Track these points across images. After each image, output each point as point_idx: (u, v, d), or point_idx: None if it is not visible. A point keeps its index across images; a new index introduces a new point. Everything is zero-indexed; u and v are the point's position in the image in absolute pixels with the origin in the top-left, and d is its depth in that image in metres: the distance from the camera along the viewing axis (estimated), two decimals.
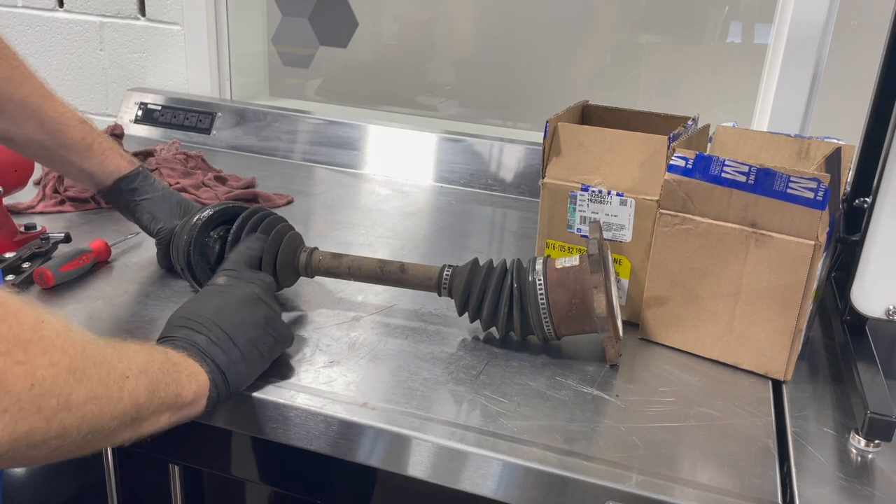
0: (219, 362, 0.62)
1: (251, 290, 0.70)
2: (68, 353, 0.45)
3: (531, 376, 0.73)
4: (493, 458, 0.62)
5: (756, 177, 0.70)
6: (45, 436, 0.43)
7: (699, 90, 1.36)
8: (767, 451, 0.64)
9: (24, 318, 0.43)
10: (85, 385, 0.46)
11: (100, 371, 0.48)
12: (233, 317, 0.66)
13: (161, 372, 0.56)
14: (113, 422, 0.49)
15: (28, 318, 0.43)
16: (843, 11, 1.14)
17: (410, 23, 1.52)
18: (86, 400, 0.46)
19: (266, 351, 0.68)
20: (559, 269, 0.74)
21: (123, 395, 0.50)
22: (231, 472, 0.77)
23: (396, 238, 1.07)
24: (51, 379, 0.43)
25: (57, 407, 0.43)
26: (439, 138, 1.35)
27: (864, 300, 0.73)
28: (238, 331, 0.65)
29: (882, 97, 0.84)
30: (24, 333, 0.42)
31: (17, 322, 0.42)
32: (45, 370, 0.43)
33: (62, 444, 0.45)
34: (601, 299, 0.70)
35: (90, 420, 0.47)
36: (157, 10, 1.54)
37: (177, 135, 1.48)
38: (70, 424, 0.45)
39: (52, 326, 0.45)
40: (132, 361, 0.52)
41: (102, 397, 0.47)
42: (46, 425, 0.43)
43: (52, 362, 0.43)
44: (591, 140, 0.83)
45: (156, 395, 0.54)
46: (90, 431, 0.47)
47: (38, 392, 0.42)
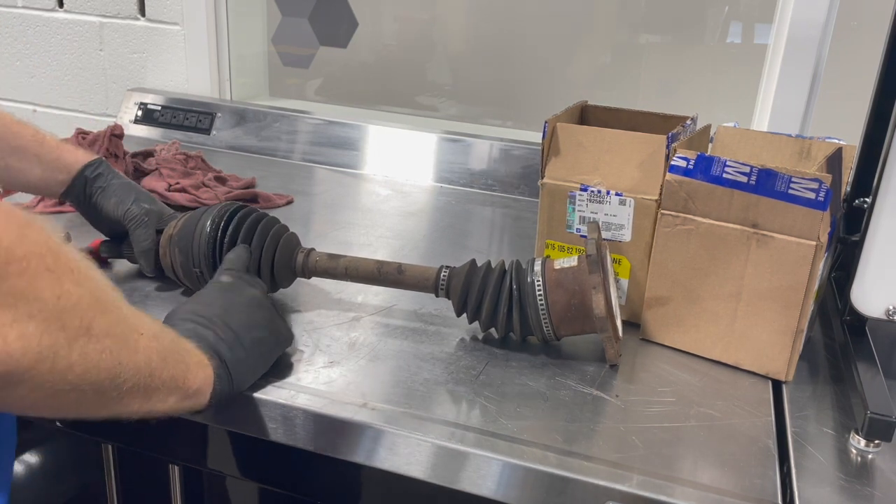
0: (225, 359, 0.62)
1: (255, 291, 0.70)
2: (92, 282, 0.44)
3: (531, 376, 0.73)
4: (493, 458, 0.62)
5: (757, 177, 0.70)
6: (66, 360, 0.41)
7: (699, 90, 1.36)
8: (767, 452, 0.64)
9: (48, 233, 0.42)
10: (106, 317, 0.45)
11: (118, 314, 0.46)
12: (240, 316, 0.65)
13: (173, 346, 0.55)
14: (128, 373, 0.47)
15: (50, 236, 0.42)
16: (843, 11, 1.14)
17: (410, 23, 1.52)
18: (106, 333, 0.44)
19: (268, 352, 0.68)
20: (557, 269, 0.74)
21: (139, 348, 0.48)
22: (231, 472, 0.77)
23: (396, 238, 1.07)
24: (76, 297, 0.42)
25: (79, 329, 0.42)
26: (439, 138, 1.35)
27: (864, 300, 0.72)
28: (244, 330, 0.65)
29: (882, 97, 0.84)
30: (51, 244, 0.41)
31: (41, 233, 0.41)
32: (72, 287, 0.41)
33: (83, 379, 0.43)
34: (600, 300, 0.70)
35: (108, 359, 0.45)
36: (157, 10, 1.54)
37: (177, 135, 1.48)
38: (90, 355, 0.43)
39: (72, 255, 0.44)
40: (146, 324, 0.51)
41: (120, 339, 0.46)
42: (68, 346, 0.41)
43: (78, 281, 0.42)
44: (589, 140, 0.83)
45: (167, 365, 0.53)
46: (108, 377, 0.45)
47: (64, 305, 0.41)
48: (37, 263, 0.39)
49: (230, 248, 0.78)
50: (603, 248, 0.77)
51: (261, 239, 0.79)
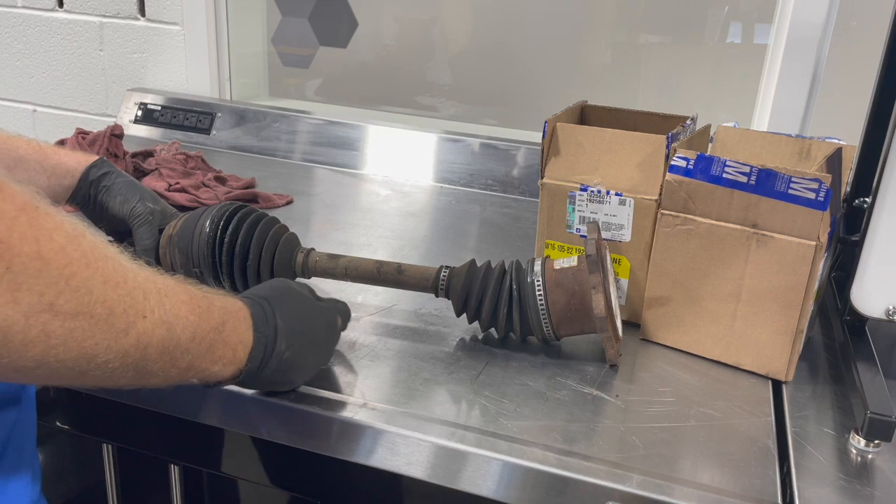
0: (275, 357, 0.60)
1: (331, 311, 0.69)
2: (66, 255, 0.40)
3: (531, 376, 0.73)
4: (493, 458, 0.62)
5: (757, 177, 0.70)
6: (24, 337, 0.38)
7: (699, 90, 1.36)
8: (767, 452, 0.64)
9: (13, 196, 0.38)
10: (79, 296, 0.41)
11: (107, 293, 0.42)
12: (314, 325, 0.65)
13: (191, 338, 0.50)
14: (110, 355, 0.43)
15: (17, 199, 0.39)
16: (843, 11, 1.14)
17: (410, 23, 1.52)
18: (76, 312, 0.41)
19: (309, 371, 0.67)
20: (557, 269, 0.74)
21: (131, 332, 0.44)
22: (231, 472, 0.77)
23: (396, 238, 1.07)
24: (33, 271, 0.38)
25: (38, 307, 0.39)
26: (439, 138, 1.35)
27: (864, 300, 0.72)
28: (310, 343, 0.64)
29: (882, 97, 0.84)
30: (8, 210, 0.38)
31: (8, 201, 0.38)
32: (28, 260, 0.38)
33: (48, 356, 0.40)
34: (599, 300, 0.70)
35: (81, 340, 0.41)
36: (157, 10, 1.54)
37: (177, 135, 1.48)
38: (54, 334, 0.40)
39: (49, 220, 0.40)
40: (160, 308, 0.47)
41: (101, 321, 0.42)
42: (25, 323, 0.38)
43: (39, 254, 0.38)
44: (589, 140, 0.83)
45: (169, 353, 0.49)
46: (82, 355, 0.42)
47: (14, 281, 0.37)
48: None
49: (230, 248, 0.78)
50: (603, 249, 0.77)
51: (260, 239, 0.79)
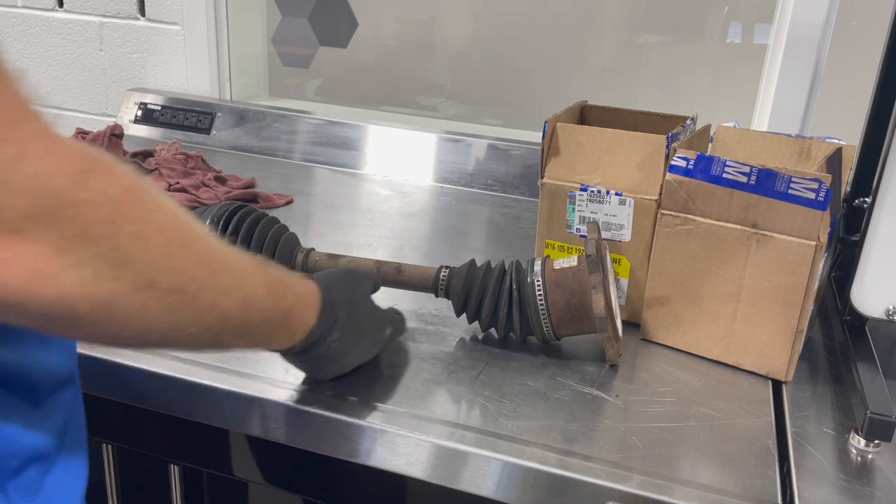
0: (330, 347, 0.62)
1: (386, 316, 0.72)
2: (164, 235, 0.42)
3: (531, 376, 0.73)
4: (493, 458, 0.62)
5: (757, 177, 0.70)
6: (127, 310, 0.41)
7: (699, 90, 1.36)
8: (767, 452, 0.64)
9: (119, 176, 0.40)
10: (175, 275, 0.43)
11: (197, 271, 0.45)
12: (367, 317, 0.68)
13: (261, 322, 0.53)
14: (195, 328, 0.46)
15: (123, 179, 0.40)
16: (843, 11, 1.14)
17: (410, 23, 1.52)
18: (172, 289, 0.43)
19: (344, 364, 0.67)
20: (557, 269, 0.74)
21: (215, 308, 0.47)
22: (231, 472, 0.77)
23: (396, 238, 1.07)
24: (138, 251, 0.41)
25: (139, 283, 0.41)
26: (439, 138, 1.35)
27: (864, 300, 0.72)
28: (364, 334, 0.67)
29: (882, 97, 0.84)
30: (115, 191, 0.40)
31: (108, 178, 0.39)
32: (132, 241, 0.40)
33: (145, 327, 0.43)
34: (599, 300, 0.70)
35: (173, 313, 0.44)
36: (157, 10, 1.54)
37: (176, 135, 1.48)
38: (151, 308, 0.42)
39: (151, 201, 0.42)
40: (244, 287, 0.50)
41: (191, 298, 0.45)
42: (129, 298, 0.41)
43: (141, 233, 0.41)
44: (589, 140, 0.83)
45: (240, 332, 0.52)
46: (172, 329, 0.45)
47: (120, 259, 0.40)
48: (91, 211, 0.38)
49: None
50: (603, 248, 0.77)
51: (260, 238, 0.79)
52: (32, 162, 0.36)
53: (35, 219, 0.36)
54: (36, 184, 0.36)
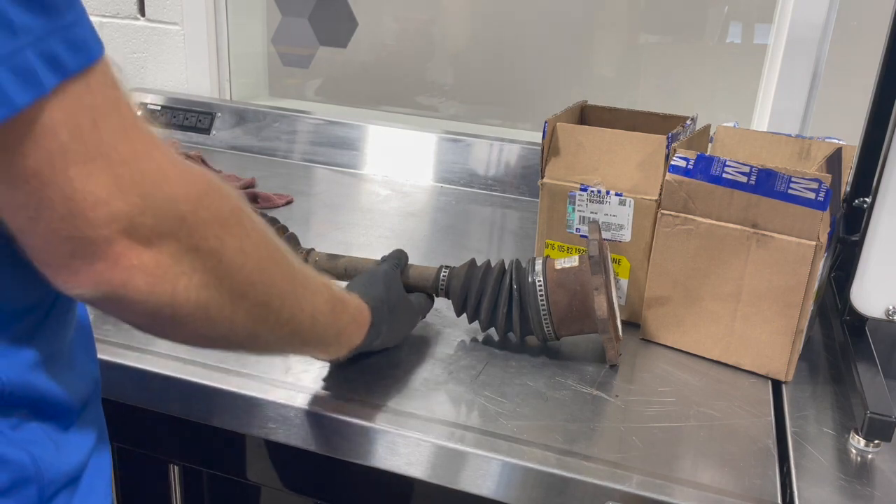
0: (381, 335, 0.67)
1: None
2: (259, 252, 0.48)
3: (531, 376, 0.73)
4: (493, 458, 0.62)
5: (757, 177, 0.70)
6: (219, 311, 0.46)
7: (699, 90, 1.36)
8: (767, 452, 0.64)
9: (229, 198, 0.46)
10: (264, 288, 0.49)
11: (283, 286, 0.51)
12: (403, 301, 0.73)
13: (321, 337, 0.59)
14: (270, 337, 0.53)
15: (232, 201, 0.46)
16: (843, 11, 1.14)
17: (410, 23, 1.52)
18: (259, 302, 0.49)
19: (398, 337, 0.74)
20: (559, 269, 0.74)
21: (293, 319, 0.53)
22: (231, 472, 0.77)
23: (396, 238, 1.07)
24: (237, 265, 0.46)
25: (235, 293, 0.47)
26: (439, 138, 1.35)
27: (864, 300, 0.72)
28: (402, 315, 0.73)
29: (882, 97, 0.84)
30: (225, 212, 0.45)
31: (220, 199, 0.45)
32: (234, 254, 0.46)
33: (231, 329, 0.48)
34: (602, 301, 0.70)
35: (257, 321, 0.50)
36: (157, 10, 1.54)
37: (176, 135, 1.48)
38: (239, 316, 0.48)
39: (251, 221, 0.47)
40: (315, 304, 0.56)
41: (274, 309, 0.51)
42: (220, 301, 0.46)
43: (242, 249, 0.46)
44: (589, 140, 0.83)
45: (302, 344, 0.59)
46: (255, 332, 0.51)
47: (224, 271, 0.45)
48: (205, 229, 0.44)
49: None
50: (604, 249, 0.77)
51: None
52: (167, 186, 0.41)
53: (163, 236, 0.42)
54: (169, 207, 0.41)
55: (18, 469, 0.46)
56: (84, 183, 0.39)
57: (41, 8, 0.37)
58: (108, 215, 0.39)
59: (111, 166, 0.39)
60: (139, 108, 0.45)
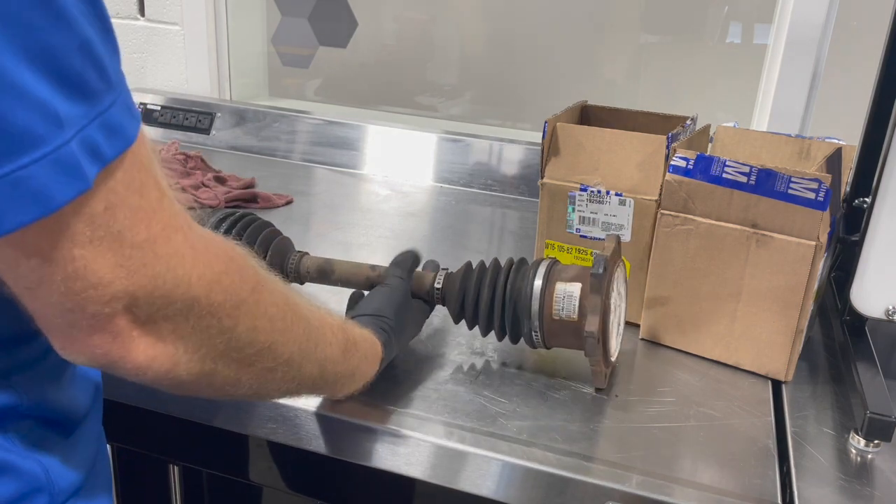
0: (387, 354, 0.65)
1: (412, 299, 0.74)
2: (272, 326, 0.47)
3: (531, 376, 0.73)
4: (493, 458, 0.62)
5: (757, 177, 0.70)
6: (223, 378, 0.46)
7: (699, 90, 1.36)
8: (767, 452, 0.64)
9: (247, 277, 0.45)
10: (274, 359, 0.48)
11: (293, 351, 0.50)
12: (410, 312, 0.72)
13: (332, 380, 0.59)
14: (281, 394, 0.53)
15: (250, 280, 0.45)
16: (843, 11, 1.14)
17: (410, 23, 1.52)
18: (270, 369, 0.49)
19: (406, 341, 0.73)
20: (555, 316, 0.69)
21: (303, 379, 0.53)
22: (231, 472, 0.77)
23: (396, 238, 1.07)
24: (246, 342, 0.46)
25: (242, 364, 0.46)
26: (439, 138, 1.35)
27: (864, 300, 0.72)
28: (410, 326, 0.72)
29: (882, 97, 0.84)
30: (242, 293, 0.44)
31: (239, 279, 0.44)
32: (245, 332, 0.45)
33: (235, 390, 0.48)
34: (594, 322, 0.66)
35: (265, 384, 0.50)
36: (157, 10, 1.54)
37: (176, 135, 1.48)
38: (245, 381, 0.48)
39: (269, 295, 0.47)
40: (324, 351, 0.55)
41: (284, 373, 0.50)
42: (226, 371, 0.46)
43: (254, 327, 0.46)
44: (589, 140, 0.83)
45: (312, 389, 0.59)
46: (262, 392, 0.51)
47: (232, 346, 0.45)
48: (218, 311, 0.43)
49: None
50: (614, 265, 0.71)
51: (249, 243, 0.76)
52: (181, 269, 0.40)
53: (169, 317, 0.40)
54: (180, 291, 0.40)
55: (30, 479, 0.46)
56: (88, 263, 0.37)
57: (83, 97, 0.35)
58: (110, 295, 0.38)
59: (122, 248, 0.38)
60: (171, 184, 0.43)
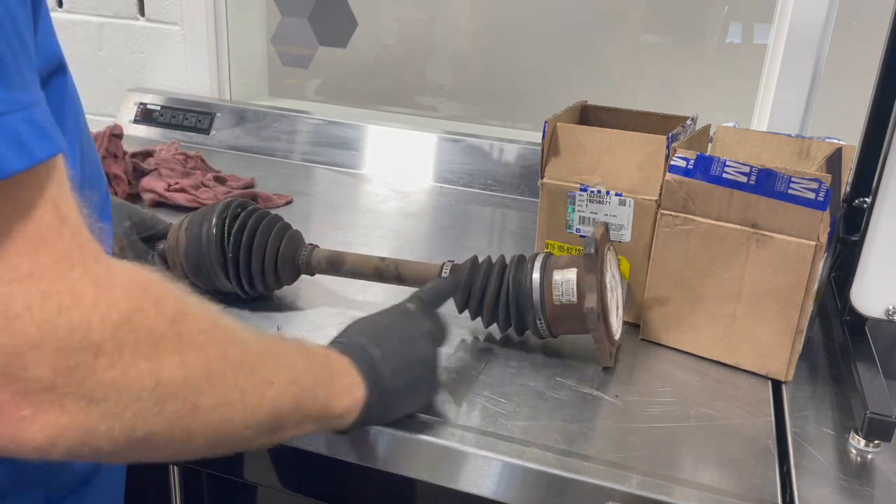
0: (383, 383, 0.57)
1: (434, 329, 0.65)
2: (205, 355, 0.41)
3: (531, 376, 0.73)
4: (493, 458, 0.62)
5: (757, 177, 0.70)
6: (166, 438, 0.40)
7: (699, 90, 1.36)
8: (767, 452, 0.64)
9: (165, 309, 0.39)
10: (218, 391, 0.42)
11: (238, 377, 0.43)
12: (413, 348, 0.62)
13: (314, 382, 0.51)
14: (247, 430, 0.45)
15: (169, 311, 0.39)
16: (843, 11, 1.14)
17: (410, 23, 1.52)
18: (216, 405, 0.42)
19: (422, 396, 0.63)
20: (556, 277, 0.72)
21: (263, 403, 0.45)
22: (231, 472, 0.77)
23: (396, 238, 1.07)
24: (180, 381, 0.39)
25: (182, 411, 0.39)
26: (439, 138, 1.35)
27: (864, 300, 0.72)
28: (413, 363, 0.61)
29: (882, 97, 0.84)
30: (160, 327, 0.38)
31: (155, 313, 0.38)
32: (174, 370, 0.38)
33: (186, 447, 0.42)
34: (593, 298, 0.69)
35: (219, 426, 0.43)
36: (157, 10, 1.54)
37: (176, 135, 1.48)
38: (195, 430, 0.41)
39: (195, 322, 0.41)
40: (282, 367, 0.48)
41: (237, 404, 0.43)
42: (168, 428, 0.39)
43: (183, 362, 0.39)
44: (589, 140, 0.83)
45: (302, 406, 0.50)
46: (219, 437, 0.43)
47: (162, 393, 0.38)
48: (133, 355, 0.36)
49: (235, 244, 0.78)
50: (605, 249, 0.75)
51: (264, 235, 0.79)
52: (74, 316, 0.33)
53: (66, 372, 0.33)
54: (73, 339, 0.33)
55: (25, 471, 0.44)
56: None
57: None
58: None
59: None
60: (84, 216, 0.36)
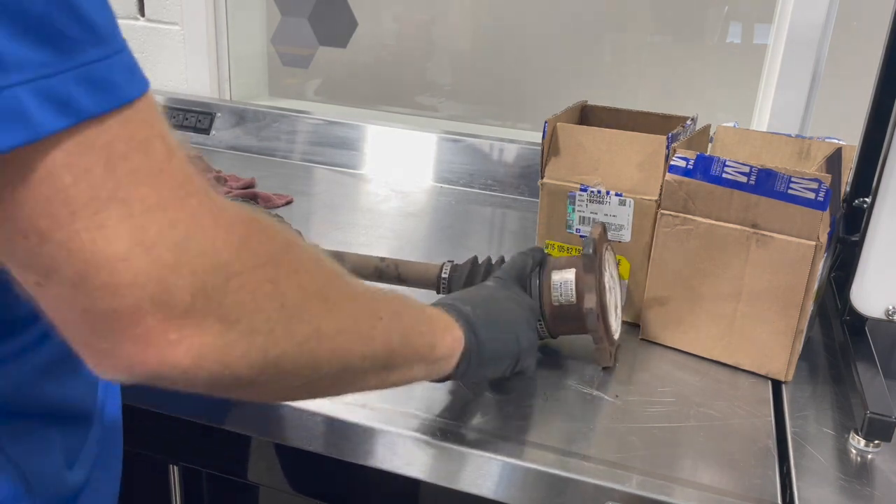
0: (479, 333, 0.58)
1: (521, 298, 0.67)
2: (318, 280, 0.42)
3: (531, 376, 0.73)
4: (493, 458, 0.62)
5: (757, 177, 0.70)
6: (294, 364, 0.40)
7: (699, 90, 1.36)
8: (767, 452, 0.64)
9: (276, 235, 0.40)
10: (335, 315, 0.43)
11: (351, 305, 0.45)
12: (502, 309, 0.63)
13: (416, 320, 0.52)
14: (364, 362, 0.46)
15: (279, 238, 0.40)
16: (843, 11, 1.14)
17: (410, 23, 1.52)
18: (336, 332, 0.43)
19: (516, 355, 0.62)
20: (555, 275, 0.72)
21: (375, 335, 0.46)
22: (230, 472, 0.77)
23: (396, 238, 1.07)
24: (301, 303, 0.40)
25: (307, 333, 0.40)
26: (439, 138, 1.35)
27: (864, 300, 0.72)
28: (504, 321, 0.61)
29: (882, 97, 0.84)
30: (275, 252, 0.39)
31: (267, 238, 0.39)
32: (295, 292, 0.39)
33: (314, 375, 0.42)
34: (592, 298, 0.69)
35: (341, 355, 0.43)
36: (157, 10, 1.54)
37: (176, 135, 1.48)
38: (321, 355, 0.42)
39: (301, 251, 0.42)
40: (385, 303, 0.49)
41: (353, 332, 0.44)
42: (297, 351, 0.40)
43: (300, 285, 0.40)
44: (589, 140, 0.83)
45: (409, 341, 0.50)
46: (341, 368, 0.44)
47: (288, 315, 0.39)
48: (258, 276, 0.37)
49: None
50: (603, 249, 0.76)
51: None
52: (200, 239, 0.35)
53: (204, 295, 0.35)
54: (204, 261, 0.35)
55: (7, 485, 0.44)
56: (95, 238, 0.32)
57: (47, 42, 0.31)
58: (130, 279, 0.32)
59: (131, 216, 0.32)
60: (188, 152, 0.38)
